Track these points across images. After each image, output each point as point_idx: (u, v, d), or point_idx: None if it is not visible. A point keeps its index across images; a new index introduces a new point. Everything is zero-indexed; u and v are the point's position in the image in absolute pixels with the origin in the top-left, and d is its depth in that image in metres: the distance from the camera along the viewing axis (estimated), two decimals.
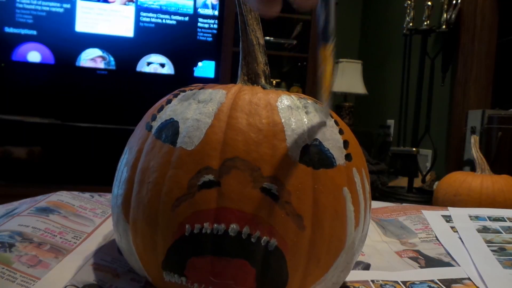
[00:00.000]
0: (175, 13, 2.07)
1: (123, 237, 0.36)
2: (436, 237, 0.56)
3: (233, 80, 1.14)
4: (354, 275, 0.44)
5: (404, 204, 0.69)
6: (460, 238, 0.55)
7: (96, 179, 1.80)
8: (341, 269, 0.36)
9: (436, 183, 1.28)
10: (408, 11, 1.91)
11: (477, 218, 0.60)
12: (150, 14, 2.05)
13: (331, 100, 0.34)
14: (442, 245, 0.54)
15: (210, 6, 2.10)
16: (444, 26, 1.90)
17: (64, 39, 1.97)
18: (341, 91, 2.57)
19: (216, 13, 2.11)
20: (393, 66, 2.57)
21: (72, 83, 2.08)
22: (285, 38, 2.46)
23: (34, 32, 1.95)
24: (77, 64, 1.99)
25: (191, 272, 0.32)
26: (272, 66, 0.41)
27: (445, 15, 1.91)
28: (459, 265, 0.49)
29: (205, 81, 2.06)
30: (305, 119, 0.35)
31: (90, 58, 2.01)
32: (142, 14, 2.04)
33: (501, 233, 0.56)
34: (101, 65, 2.02)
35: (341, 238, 0.34)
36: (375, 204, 0.67)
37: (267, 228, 0.31)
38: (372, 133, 2.64)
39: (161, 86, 2.06)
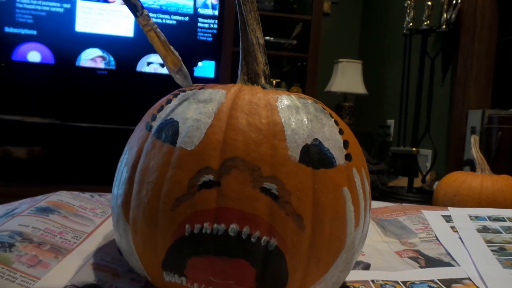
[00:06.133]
0: (175, 13, 2.07)
1: (123, 237, 0.36)
2: (436, 237, 0.56)
3: (233, 80, 1.14)
4: (354, 275, 0.44)
5: (404, 204, 0.69)
6: (460, 238, 0.55)
7: (96, 179, 1.80)
8: (341, 269, 0.36)
9: (436, 183, 1.28)
10: (408, 11, 1.91)
11: (477, 218, 0.60)
12: (150, 14, 2.04)
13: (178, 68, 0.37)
14: (442, 245, 0.54)
15: (210, 6, 2.10)
16: (444, 26, 1.90)
17: (64, 39, 1.97)
18: (341, 91, 2.57)
19: (216, 13, 2.11)
20: (393, 66, 2.58)
21: (72, 83, 2.07)
22: (285, 38, 2.46)
23: (34, 32, 1.94)
24: (77, 64, 1.99)
25: (191, 272, 0.32)
26: (272, 66, 0.41)
27: (445, 15, 1.90)
28: (459, 265, 0.49)
29: (205, 81, 2.05)
30: (305, 119, 0.35)
31: (90, 58, 2.00)
32: None
33: (501, 233, 0.56)
34: (101, 65, 2.01)
35: (341, 238, 0.34)
36: (375, 204, 0.67)
37: (267, 228, 0.31)
38: (372, 133, 2.64)
39: (161, 86, 2.06)
